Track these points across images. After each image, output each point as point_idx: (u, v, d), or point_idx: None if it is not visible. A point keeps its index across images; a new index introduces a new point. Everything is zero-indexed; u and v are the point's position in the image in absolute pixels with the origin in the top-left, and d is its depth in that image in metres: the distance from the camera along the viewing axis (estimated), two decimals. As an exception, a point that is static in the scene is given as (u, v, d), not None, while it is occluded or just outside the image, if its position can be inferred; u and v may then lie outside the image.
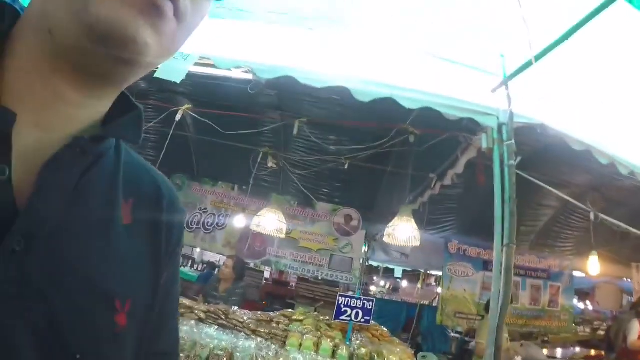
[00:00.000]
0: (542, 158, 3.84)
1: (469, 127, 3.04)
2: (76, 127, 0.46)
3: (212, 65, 2.66)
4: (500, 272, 2.31)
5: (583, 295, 9.73)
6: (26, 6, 0.46)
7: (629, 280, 7.29)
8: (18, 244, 0.39)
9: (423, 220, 4.71)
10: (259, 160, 4.90)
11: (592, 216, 3.46)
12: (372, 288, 12.82)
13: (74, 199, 0.44)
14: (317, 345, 3.03)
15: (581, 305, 10.00)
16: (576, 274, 7.06)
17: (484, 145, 2.65)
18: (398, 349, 3.21)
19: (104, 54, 0.42)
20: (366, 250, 6.54)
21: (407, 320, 7.54)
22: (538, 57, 1.98)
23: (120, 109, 0.51)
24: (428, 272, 10.30)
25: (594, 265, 5.13)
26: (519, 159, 2.47)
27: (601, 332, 8.13)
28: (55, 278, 0.42)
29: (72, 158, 0.44)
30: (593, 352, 6.70)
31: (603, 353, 6.15)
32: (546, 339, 6.91)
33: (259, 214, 5.15)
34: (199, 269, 10.07)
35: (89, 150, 0.46)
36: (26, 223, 0.40)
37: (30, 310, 0.40)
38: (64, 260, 0.43)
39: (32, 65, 0.43)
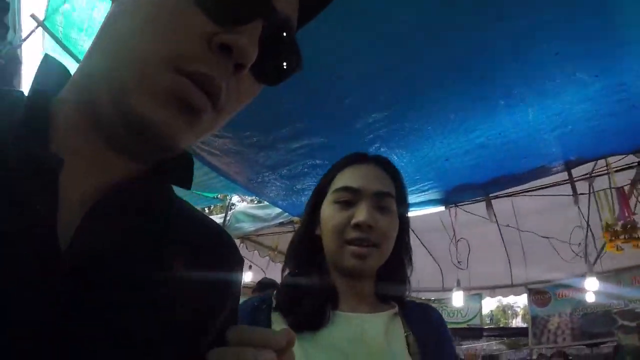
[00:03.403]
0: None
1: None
2: (124, 176, 0.45)
3: None
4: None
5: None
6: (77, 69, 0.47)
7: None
8: (57, 288, 0.37)
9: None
10: None
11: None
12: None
13: (118, 246, 0.43)
14: None
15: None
16: None
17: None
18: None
19: (138, 142, 0.42)
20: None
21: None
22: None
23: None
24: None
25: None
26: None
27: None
28: (92, 327, 0.39)
29: (116, 204, 0.43)
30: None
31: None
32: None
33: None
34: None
35: (134, 197, 0.46)
36: (66, 266, 0.38)
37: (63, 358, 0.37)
38: (104, 308, 0.40)
39: (77, 124, 0.44)
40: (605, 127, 2.52)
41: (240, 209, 4.39)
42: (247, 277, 4.39)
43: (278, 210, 3.71)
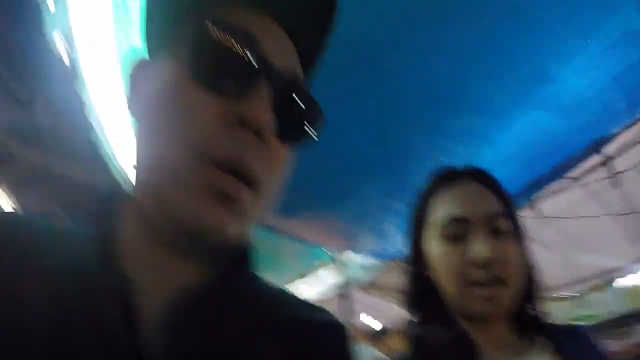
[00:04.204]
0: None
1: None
2: (195, 278, 0.45)
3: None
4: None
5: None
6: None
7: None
8: None
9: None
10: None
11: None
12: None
13: (210, 349, 0.42)
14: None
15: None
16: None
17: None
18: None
19: (192, 241, 0.43)
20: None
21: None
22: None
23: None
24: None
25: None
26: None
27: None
28: None
29: (197, 306, 0.43)
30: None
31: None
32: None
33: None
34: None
35: (212, 295, 0.45)
36: None
37: None
38: None
39: (140, 238, 0.45)
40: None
41: (350, 259, 5.06)
42: (368, 321, 4.94)
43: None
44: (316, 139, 0.50)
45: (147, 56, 0.53)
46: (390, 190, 2.90)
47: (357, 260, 4.85)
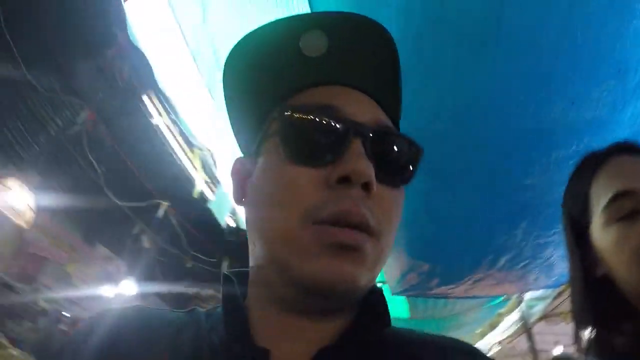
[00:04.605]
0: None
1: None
2: (326, 336, 0.46)
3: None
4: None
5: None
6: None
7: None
8: None
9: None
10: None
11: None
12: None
13: None
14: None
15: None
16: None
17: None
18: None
19: (321, 300, 0.44)
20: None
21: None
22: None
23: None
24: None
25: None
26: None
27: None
28: None
29: None
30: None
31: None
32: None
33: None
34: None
35: (345, 352, 0.46)
36: None
37: None
38: None
39: (267, 309, 0.48)
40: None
41: (528, 297, 5.11)
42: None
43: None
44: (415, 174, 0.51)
45: (242, 155, 0.58)
46: (538, 229, 2.90)
47: (535, 296, 4.91)
